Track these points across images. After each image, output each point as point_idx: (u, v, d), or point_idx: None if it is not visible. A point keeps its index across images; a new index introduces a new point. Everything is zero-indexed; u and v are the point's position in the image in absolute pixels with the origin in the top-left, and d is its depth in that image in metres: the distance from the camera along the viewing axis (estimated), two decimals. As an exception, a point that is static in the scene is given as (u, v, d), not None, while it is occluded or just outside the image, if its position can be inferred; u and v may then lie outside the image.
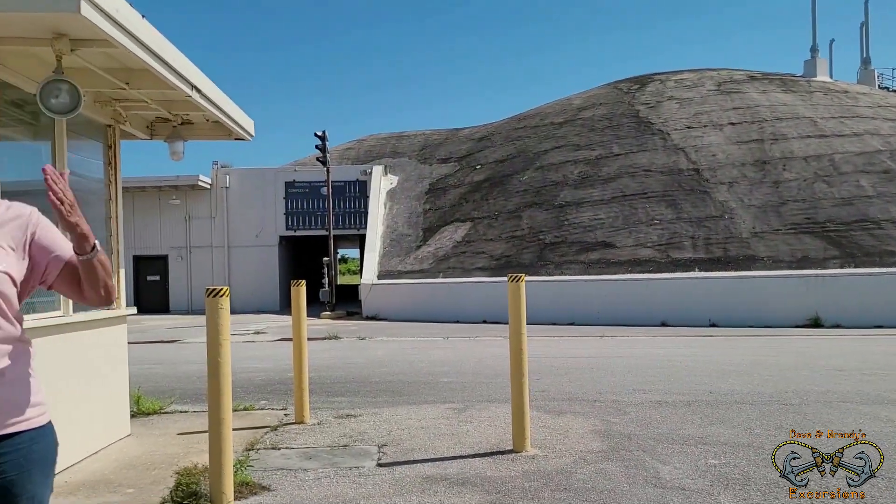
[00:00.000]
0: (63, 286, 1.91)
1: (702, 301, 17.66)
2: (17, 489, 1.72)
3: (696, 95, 27.44)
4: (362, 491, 4.31)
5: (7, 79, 4.44)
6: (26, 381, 1.78)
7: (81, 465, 5.06)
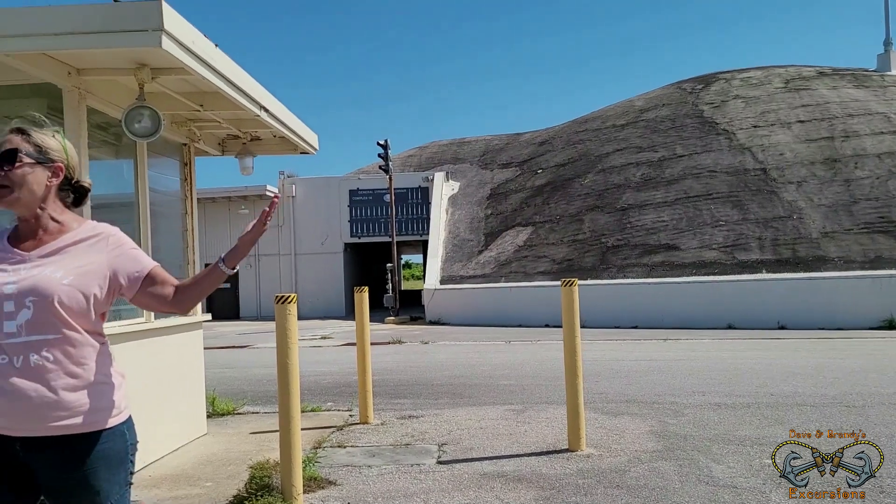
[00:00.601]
0: (143, 298, 2.09)
1: (770, 303, 17.29)
2: (91, 484, 1.93)
3: (763, 94, 26.83)
4: (422, 486, 4.54)
5: (95, 105, 4.86)
6: (98, 386, 1.96)
7: (163, 461, 5.45)
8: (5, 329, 1.86)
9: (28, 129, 2.00)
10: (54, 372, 1.88)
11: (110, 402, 1.99)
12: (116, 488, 1.98)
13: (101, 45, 3.91)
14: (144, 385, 5.34)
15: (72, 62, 4.42)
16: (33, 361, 1.87)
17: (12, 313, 1.87)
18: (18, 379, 1.86)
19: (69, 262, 1.97)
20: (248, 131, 6.59)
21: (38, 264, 1.94)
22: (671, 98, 28.90)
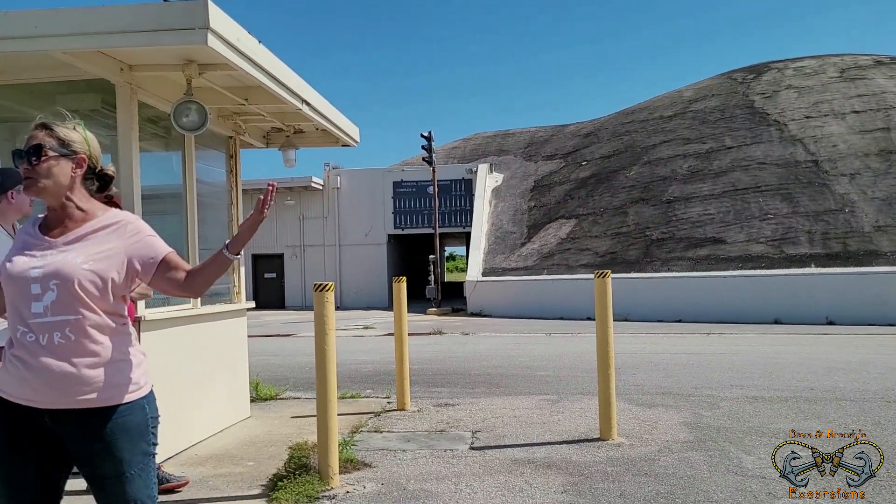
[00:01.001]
0: (159, 283, 2.22)
1: (818, 298, 16.96)
2: (112, 453, 2.09)
3: (817, 83, 26.17)
4: (454, 470, 4.67)
5: (145, 100, 5.08)
6: (116, 364, 2.12)
7: (208, 442, 5.69)
8: (33, 310, 2.04)
9: (51, 124, 2.15)
10: (75, 350, 2.05)
11: (128, 379, 2.14)
12: (138, 458, 2.13)
13: (151, 43, 4.11)
14: (191, 369, 5.58)
15: (124, 59, 4.64)
16: (57, 340, 2.03)
17: (39, 295, 2.04)
18: (45, 356, 2.03)
19: (90, 248, 2.12)
20: (291, 124, 6.78)
21: (63, 250, 2.11)
22: (721, 88, 28.38)
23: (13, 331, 2.09)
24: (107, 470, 2.09)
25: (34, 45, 4.11)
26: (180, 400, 5.34)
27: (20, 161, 2.11)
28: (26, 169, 2.10)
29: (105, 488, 2.11)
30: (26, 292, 2.04)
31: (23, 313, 2.05)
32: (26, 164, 2.10)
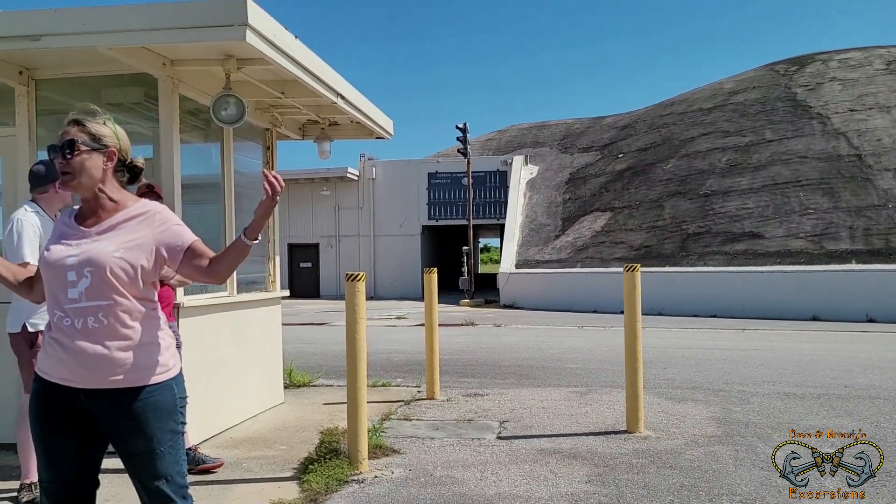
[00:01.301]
0: (185, 269, 2.35)
1: (858, 295, 16.65)
2: (144, 430, 2.23)
3: (862, 76, 25.56)
4: (480, 458, 4.76)
5: (186, 93, 5.24)
6: (145, 347, 2.25)
7: (244, 426, 5.87)
8: (69, 295, 2.18)
9: (83, 120, 2.28)
10: (108, 333, 2.19)
11: (156, 361, 2.27)
12: (167, 435, 2.27)
13: (192, 39, 4.26)
14: (227, 355, 5.75)
15: (166, 54, 4.79)
16: (91, 324, 2.18)
17: (74, 282, 2.18)
18: (80, 339, 2.17)
19: (121, 236, 2.26)
20: (326, 117, 6.91)
21: (96, 239, 2.25)
22: (763, 80, 27.88)
23: (52, 315, 2.23)
24: (138, 446, 2.23)
25: (82, 42, 4.28)
26: (217, 385, 5.52)
27: (55, 155, 2.25)
28: (61, 163, 2.24)
29: (137, 464, 2.25)
30: (63, 279, 2.19)
31: (60, 299, 2.19)
32: (60, 159, 2.23)
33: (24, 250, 3.84)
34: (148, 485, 2.25)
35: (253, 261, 6.70)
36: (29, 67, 5.13)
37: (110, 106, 5.63)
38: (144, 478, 2.25)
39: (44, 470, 2.27)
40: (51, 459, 2.24)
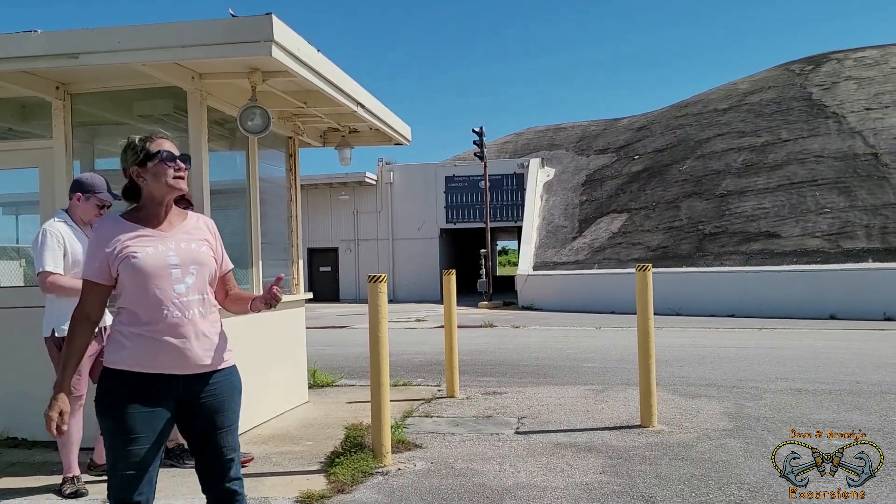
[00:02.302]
0: (215, 285, 2.68)
1: (876, 293, 16.65)
2: (227, 406, 2.56)
3: (878, 74, 25.48)
4: (499, 452, 4.96)
5: (213, 105, 5.49)
6: (222, 334, 2.59)
7: (270, 423, 6.10)
8: (176, 290, 2.46)
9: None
10: (206, 322, 2.51)
11: (227, 346, 2.61)
12: (238, 412, 2.62)
13: (221, 55, 4.50)
14: (255, 355, 5.98)
15: (195, 68, 5.04)
16: (196, 315, 2.48)
17: (180, 278, 2.46)
18: (188, 329, 2.45)
19: (201, 240, 2.59)
20: (346, 125, 7.14)
21: (183, 240, 2.53)
22: (778, 80, 27.86)
23: (152, 312, 2.43)
24: (223, 421, 2.54)
25: (117, 59, 4.53)
26: (245, 384, 5.73)
27: (180, 162, 2.55)
28: (182, 170, 2.55)
29: (220, 438, 2.54)
30: (168, 276, 2.45)
31: (167, 294, 2.43)
32: (186, 166, 2.57)
33: (44, 259, 4.11)
34: (228, 455, 2.55)
35: (277, 264, 6.94)
36: (65, 82, 5.39)
37: (141, 118, 5.92)
38: (225, 450, 2.55)
39: (124, 460, 2.41)
40: (136, 449, 2.42)
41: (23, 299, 5.54)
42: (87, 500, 4.12)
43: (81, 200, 4.34)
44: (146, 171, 2.52)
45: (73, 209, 4.37)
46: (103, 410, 2.45)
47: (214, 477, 2.57)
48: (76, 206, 4.35)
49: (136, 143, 2.55)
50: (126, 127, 6.09)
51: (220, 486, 2.57)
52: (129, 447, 2.41)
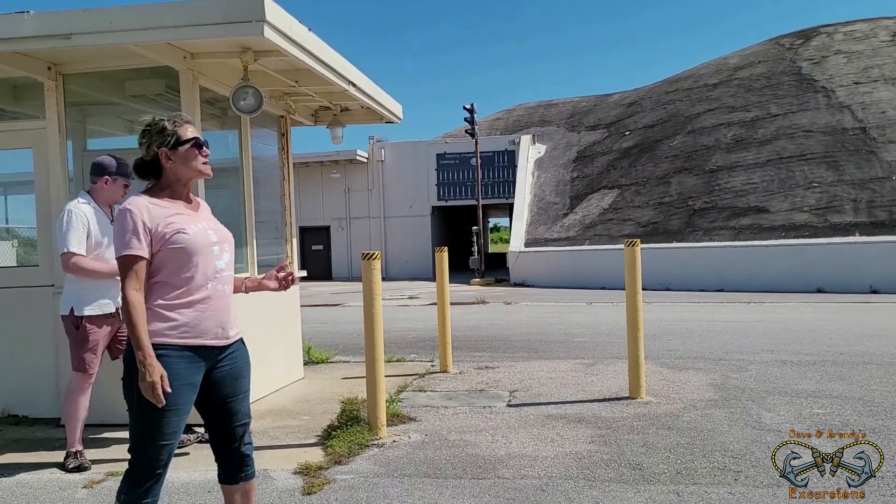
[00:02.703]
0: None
1: (862, 267, 16.87)
2: (244, 373, 2.78)
3: (867, 48, 25.53)
4: (491, 423, 5.09)
5: (205, 84, 5.52)
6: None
7: (267, 399, 6.21)
8: (218, 266, 2.65)
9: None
10: (232, 297, 2.73)
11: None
12: (250, 378, 2.84)
13: (213, 35, 4.53)
14: (252, 332, 6.04)
15: (187, 48, 5.06)
16: (228, 290, 2.70)
17: (219, 255, 2.66)
18: (228, 302, 2.68)
19: (214, 221, 2.79)
20: (338, 103, 7.17)
21: (209, 220, 2.75)
22: (768, 55, 27.87)
23: (198, 286, 2.60)
24: (241, 387, 2.74)
25: (110, 40, 4.56)
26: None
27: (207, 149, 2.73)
28: (207, 156, 2.73)
29: (236, 405, 2.73)
30: (210, 253, 2.63)
31: (209, 270, 2.62)
32: (207, 150, 2.73)
33: (68, 239, 4.19)
34: (244, 420, 2.76)
35: (270, 243, 7.01)
36: (57, 63, 5.41)
37: (133, 98, 5.94)
38: (242, 416, 2.75)
39: (162, 432, 2.54)
40: (176, 420, 2.57)
41: (17, 279, 5.60)
42: (90, 474, 4.23)
43: (109, 183, 4.47)
44: (176, 155, 2.64)
45: (97, 191, 4.48)
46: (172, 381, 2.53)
47: (231, 441, 2.74)
48: (102, 189, 4.47)
49: (166, 127, 2.64)
50: (118, 107, 6.12)
51: (237, 449, 2.76)
52: (171, 419, 2.55)
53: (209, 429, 2.76)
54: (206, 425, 2.76)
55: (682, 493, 3.63)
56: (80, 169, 5.84)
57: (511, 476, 3.97)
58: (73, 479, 4.16)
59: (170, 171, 2.65)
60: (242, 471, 2.80)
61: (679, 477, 3.86)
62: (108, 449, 4.69)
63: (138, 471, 2.57)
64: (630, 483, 3.80)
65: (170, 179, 2.67)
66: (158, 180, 2.68)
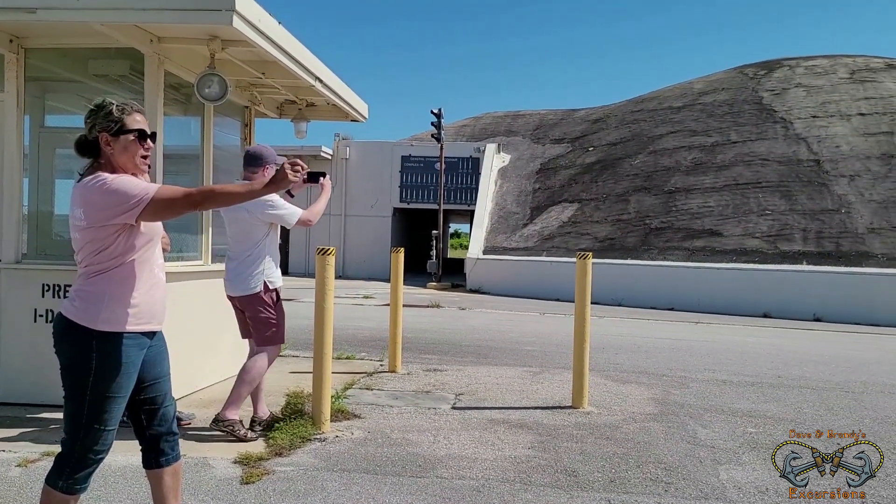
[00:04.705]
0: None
1: (808, 295, 17.38)
2: (166, 355, 2.83)
3: (826, 83, 26.35)
4: (434, 425, 5.15)
5: (171, 69, 5.49)
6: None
7: (214, 388, 6.18)
8: (156, 253, 2.79)
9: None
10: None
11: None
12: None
13: (182, 21, 4.53)
14: (200, 321, 6.04)
15: (154, 31, 5.03)
16: (163, 276, 2.84)
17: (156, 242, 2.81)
18: (164, 288, 2.79)
19: None
20: (304, 98, 7.18)
21: None
22: (732, 83, 28.56)
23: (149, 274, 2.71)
24: (167, 368, 2.78)
25: (76, 17, 4.53)
26: (191, 348, 5.81)
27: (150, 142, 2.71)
28: (149, 149, 2.71)
29: (164, 384, 2.76)
30: (157, 241, 2.81)
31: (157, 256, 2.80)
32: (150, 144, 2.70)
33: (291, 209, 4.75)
34: (168, 403, 2.77)
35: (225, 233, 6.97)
36: (19, 36, 5.33)
37: (96, 77, 5.87)
38: (167, 396, 2.76)
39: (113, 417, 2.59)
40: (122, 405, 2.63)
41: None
42: (25, 453, 4.17)
43: (268, 170, 4.74)
44: (116, 142, 2.60)
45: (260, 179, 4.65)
46: (109, 373, 2.54)
47: (157, 421, 2.74)
48: (263, 178, 4.53)
49: (112, 112, 2.58)
50: (80, 85, 6.04)
51: (168, 430, 2.77)
52: (120, 405, 2.60)
53: (135, 414, 2.74)
54: (132, 411, 2.73)
55: (614, 500, 3.74)
56: (35, 144, 5.75)
57: (449, 476, 4.04)
58: (6, 457, 4.11)
59: (109, 157, 2.61)
60: (174, 451, 2.80)
61: (612, 485, 3.97)
62: (47, 431, 4.63)
63: (79, 458, 2.56)
64: (564, 489, 3.89)
65: (114, 164, 2.61)
66: (100, 162, 2.62)
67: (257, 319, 4.73)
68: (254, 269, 4.67)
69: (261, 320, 4.72)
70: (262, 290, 4.68)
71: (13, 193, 5.41)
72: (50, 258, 5.52)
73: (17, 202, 5.43)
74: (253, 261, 4.68)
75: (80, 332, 2.52)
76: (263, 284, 4.68)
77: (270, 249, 4.77)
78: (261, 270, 4.69)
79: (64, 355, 2.57)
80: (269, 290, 4.72)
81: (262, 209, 4.63)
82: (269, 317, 4.73)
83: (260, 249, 4.71)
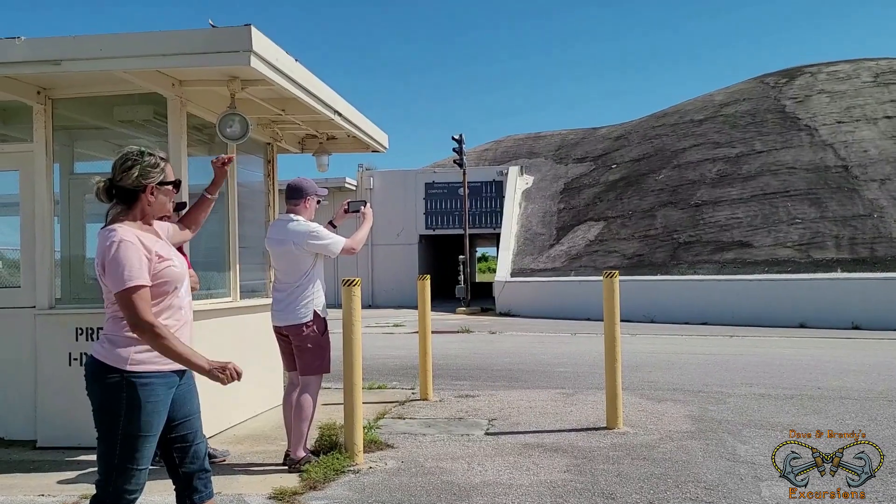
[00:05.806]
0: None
1: (844, 303, 17.03)
2: (196, 392, 2.90)
3: (850, 88, 26.05)
4: (468, 451, 5.11)
5: (193, 111, 5.61)
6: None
7: (246, 424, 6.20)
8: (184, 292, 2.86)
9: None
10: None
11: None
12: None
13: (200, 64, 4.63)
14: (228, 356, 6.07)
15: (175, 75, 5.16)
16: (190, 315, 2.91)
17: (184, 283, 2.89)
18: (191, 327, 2.91)
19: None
20: (324, 132, 7.28)
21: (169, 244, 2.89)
22: (753, 92, 28.37)
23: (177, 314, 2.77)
24: (197, 405, 2.83)
25: (99, 66, 4.65)
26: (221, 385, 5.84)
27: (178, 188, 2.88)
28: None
29: (195, 422, 2.80)
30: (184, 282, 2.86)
31: (185, 297, 2.84)
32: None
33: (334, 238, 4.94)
34: (200, 440, 2.79)
35: (253, 268, 7.05)
36: (46, 87, 5.49)
37: (121, 123, 6.02)
38: (199, 433, 2.79)
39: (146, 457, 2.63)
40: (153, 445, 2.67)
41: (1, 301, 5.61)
42: (63, 496, 4.21)
43: (309, 202, 5.08)
44: (159, 192, 2.72)
45: (304, 211, 5.00)
46: (139, 412, 2.57)
47: (190, 459, 2.76)
48: (305, 209, 5.03)
49: (158, 163, 2.70)
50: (106, 131, 6.19)
51: (197, 465, 2.78)
52: (151, 444, 2.63)
53: (167, 453, 2.76)
54: (164, 450, 2.76)
55: (653, 522, 3.67)
56: (66, 191, 5.88)
57: (485, 503, 3.99)
58: (45, 502, 4.15)
59: (146, 205, 2.69)
60: (207, 488, 2.81)
61: (651, 507, 3.90)
62: (85, 473, 4.68)
63: (113, 498, 2.59)
64: (602, 512, 3.83)
65: (144, 212, 2.70)
66: (129, 208, 2.68)
67: (304, 349, 4.77)
68: (303, 299, 4.76)
69: (308, 350, 4.77)
70: (312, 318, 4.76)
71: (45, 241, 5.53)
72: (83, 301, 5.61)
73: (49, 249, 5.55)
74: (302, 290, 4.77)
75: (109, 374, 2.56)
76: (313, 313, 4.77)
77: (318, 279, 4.88)
78: (310, 300, 4.78)
79: (95, 396, 2.61)
80: (319, 317, 4.80)
81: (305, 240, 4.74)
82: (318, 346, 4.79)
83: (309, 279, 4.80)
